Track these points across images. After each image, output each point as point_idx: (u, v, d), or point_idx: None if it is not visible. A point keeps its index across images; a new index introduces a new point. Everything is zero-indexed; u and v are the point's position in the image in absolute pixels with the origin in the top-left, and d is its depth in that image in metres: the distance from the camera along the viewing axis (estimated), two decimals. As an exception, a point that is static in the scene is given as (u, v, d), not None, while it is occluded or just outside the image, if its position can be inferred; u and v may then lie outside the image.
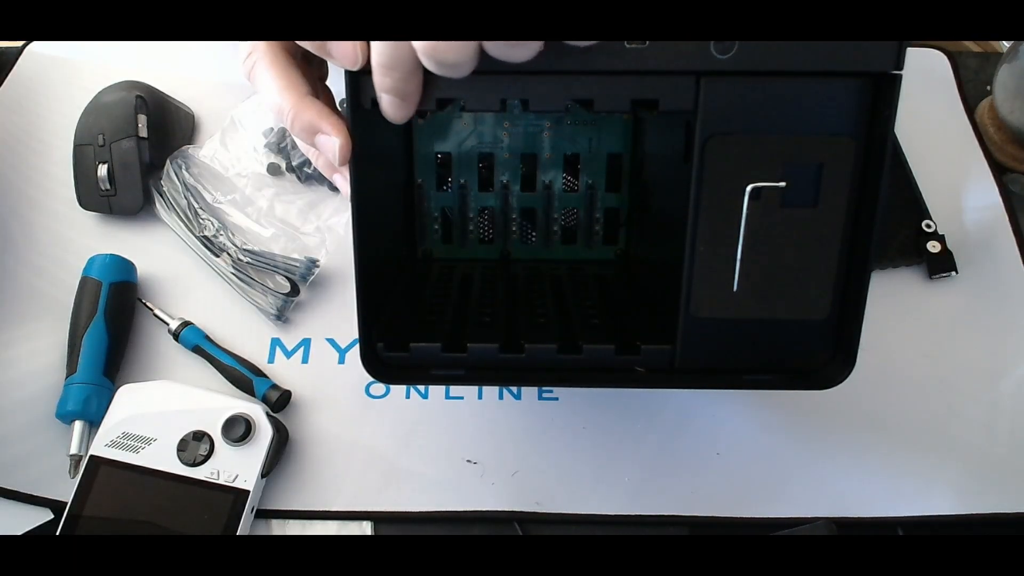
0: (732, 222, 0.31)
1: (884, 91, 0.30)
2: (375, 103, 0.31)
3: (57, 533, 0.42)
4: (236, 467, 0.43)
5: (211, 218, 0.53)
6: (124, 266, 0.50)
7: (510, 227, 0.48)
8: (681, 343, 0.34)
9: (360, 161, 0.33)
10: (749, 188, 0.31)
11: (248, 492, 0.43)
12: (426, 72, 0.29)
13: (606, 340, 0.35)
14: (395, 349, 0.35)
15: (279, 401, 0.47)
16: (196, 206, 0.53)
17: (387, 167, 0.41)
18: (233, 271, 0.51)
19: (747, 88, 0.30)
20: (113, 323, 0.48)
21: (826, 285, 0.33)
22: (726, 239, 0.32)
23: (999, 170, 0.57)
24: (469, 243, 0.48)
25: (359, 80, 0.31)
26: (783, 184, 0.31)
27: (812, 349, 0.34)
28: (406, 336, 0.35)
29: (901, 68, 0.30)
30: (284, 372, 0.49)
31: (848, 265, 0.33)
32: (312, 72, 0.36)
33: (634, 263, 0.47)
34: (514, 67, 0.28)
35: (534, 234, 0.48)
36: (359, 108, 0.32)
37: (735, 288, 0.32)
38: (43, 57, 0.62)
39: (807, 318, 0.33)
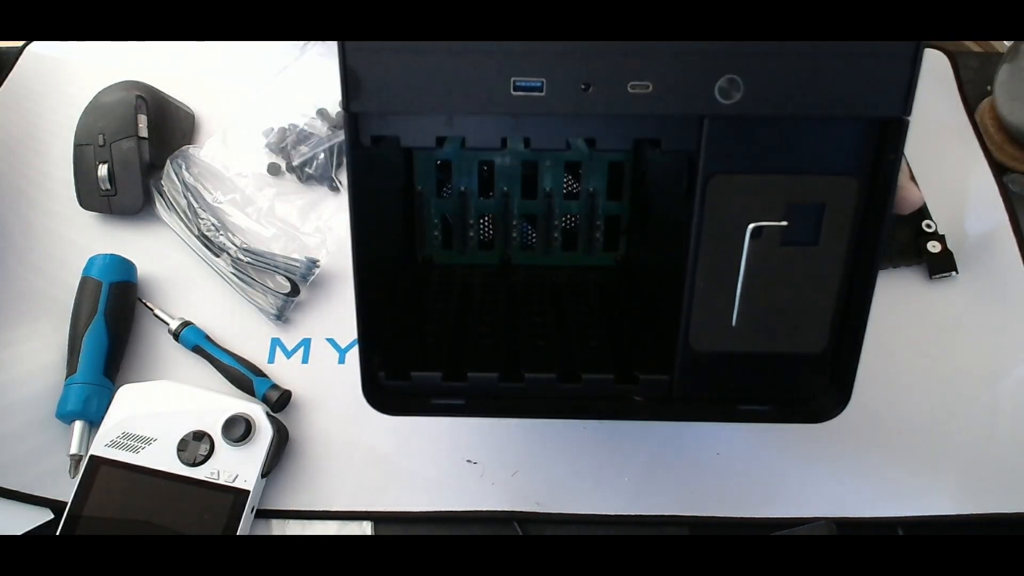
0: (732, 259, 0.31)
1: (891, 135, 0.30)
2: (375, 140, 0.31)
3: (57, 533, 0.42)
4: (236, 467, 0.43)
5: (211, 218, 0.53)
6: (124, 266, 0.50)
7: (510, 233, 0.47)
8: (679, 374, 0.34)
9: (359, 177, 0.32)
10: (751, 227, 0.31)
11: (248, 492, 0.43)
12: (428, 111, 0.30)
13: (605, 368, 0.35)
14: (396, 377, 0.35)
15: (279, 401, 0.47)
16: (196, 206, 0.53)
17: (387, 175, 0.41)
18: (233, 271, 0.51)
19: (751, 128, 0.30)
20: (113, 323, 0.48)
21: (824, 320, 0.33)
22: (726, 275, 0.32)
23: (999, 170, 0.57)
24: (469, 249, 0.47)
25: (357, 119, 0.31)
26: (785, 224, 0.31)
27: (808, 382, 0.34)
28: (407, 363, 0.35)
29: (908, 113, 0.29)
30: (284, 372, 0.49)
31: (847, 300, 0.32)
32: None
33: (634, 270, 0.47)
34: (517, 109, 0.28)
35: (535, 238, 0.48)
36: (358, 147, 0.31)
37: (734, 323, 0.32)
38: (43, 57, 0.62)
39: (804, 351, 0.33)
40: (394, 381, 0.35)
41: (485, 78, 0.29)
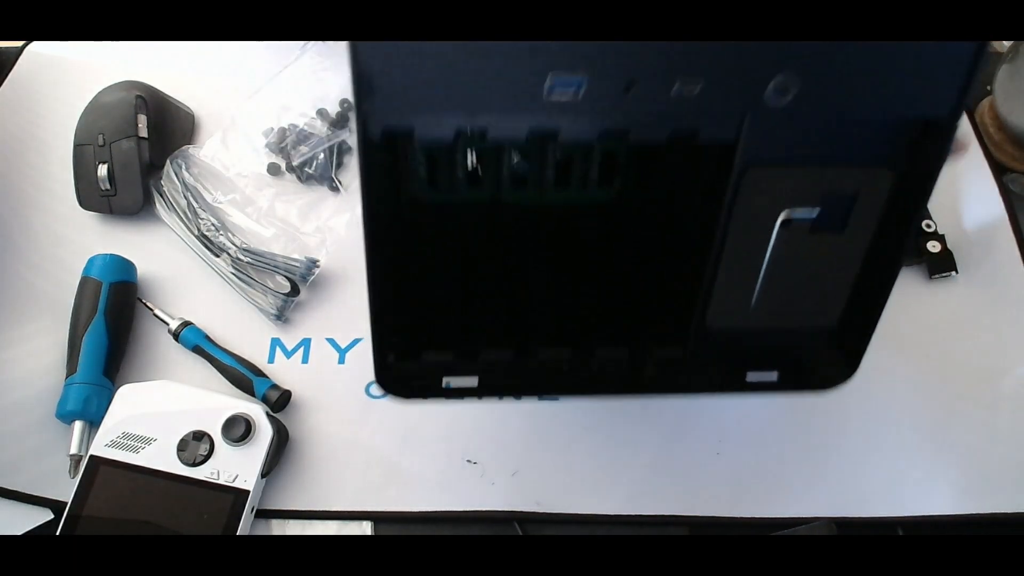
0: (759, 246, 0.31)
1: (938, 132, 0.29)
2: (387, 136, 0.29)
3: (57, 533, 0.42)
4: (236, 467, 0.43)
5: (211, 218, 0.53)
6: (124, 266, 0.50)
7: (502, 170, 0.45)
8: (693, 349, 0.34)
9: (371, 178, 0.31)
10: (781, 217, 0.30)
11: (248, 492, 0.43)
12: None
13: (617, 340, 0.34)
14: (407, 359, 0.34)
15: (279, 401, 0.47)
16: (196, 206, 0.53)
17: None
18: (233, 271, 0.51)
19: (791, 121, 0.29)
20: (113, 323, 0.48)
21: (841, 298, 0.33)
22: (751, 261, 0.31)
23: (999, 170, 0.57)
24: (458, 186, 0.45)
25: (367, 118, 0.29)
26: (816, 214, 0.30)
27: (818, 353, 0.34)
28: (418, 342, 0.34)
29: (960, 114, 0.28)
30: (284, 372, 0.49)
31: (868, 281, 0.32)
32: None
33: (632, 208, 0.45)
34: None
35: (528, 174, 0.46)
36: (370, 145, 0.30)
37: (753, 304, 0.32)
38: (43, 57, 0.62)
39: (817, 325, 0.33)
40: (406, 363, 0.34)
41: (516, 80, 0.27)
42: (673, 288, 0.34)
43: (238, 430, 0.43)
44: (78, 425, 0.45)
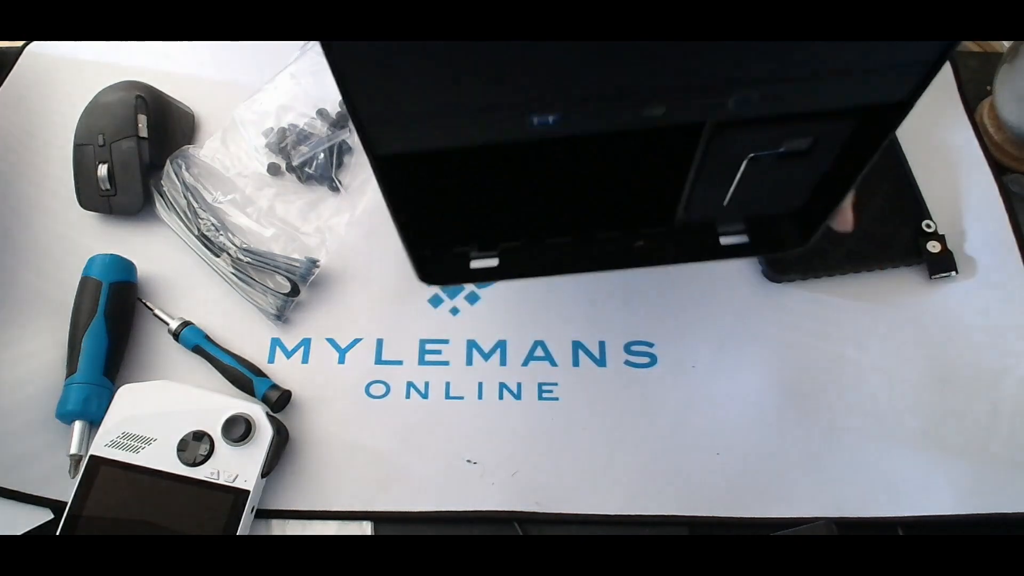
0: (730, 171, 0.35)
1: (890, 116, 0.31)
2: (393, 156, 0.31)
3: (57, 533, 0.42)
4: (236, 467, 0.43)
5: (211, 218, 0.53)
6: (124, 266, 0.50)
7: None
8: (676, 228, 0.39)
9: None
10: (748, 157, 0.34)
11: (248, 492, 0.43)
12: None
13: (612, 227, 0.40)
14: (438, 252, 0.39)
15: (279, 401, 0.47)
16: (196, 206, 0.53)
17: None
18: (233, 271, 0.51)
19: (755, 111, 0.31)
20: (113, 323, 0.48)
21: (803, 195, 0.37)
22: (724, 177, 0.35)
23: (999, 170, 0.57)
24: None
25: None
26: (781, 150, 0.33)
27: (782, 227, 0.39)
28: (445, 238, 0.39)
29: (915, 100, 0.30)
30: (284, 372, 0.49)
31: (829, 181, 0.36)
32: None
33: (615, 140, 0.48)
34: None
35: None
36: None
37: (725, 204, 0.37)
38: (43, 57, 0.62)
39: (781, 212, 0.38)
40: (437, 256, 0.39)
41: (498, 117, 0.29)
42: (659, 189, 0.39)
43: (238, 430, 0.43)
44: (78, 425, 0.45)
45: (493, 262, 0.40)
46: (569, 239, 0.40)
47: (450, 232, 0.40)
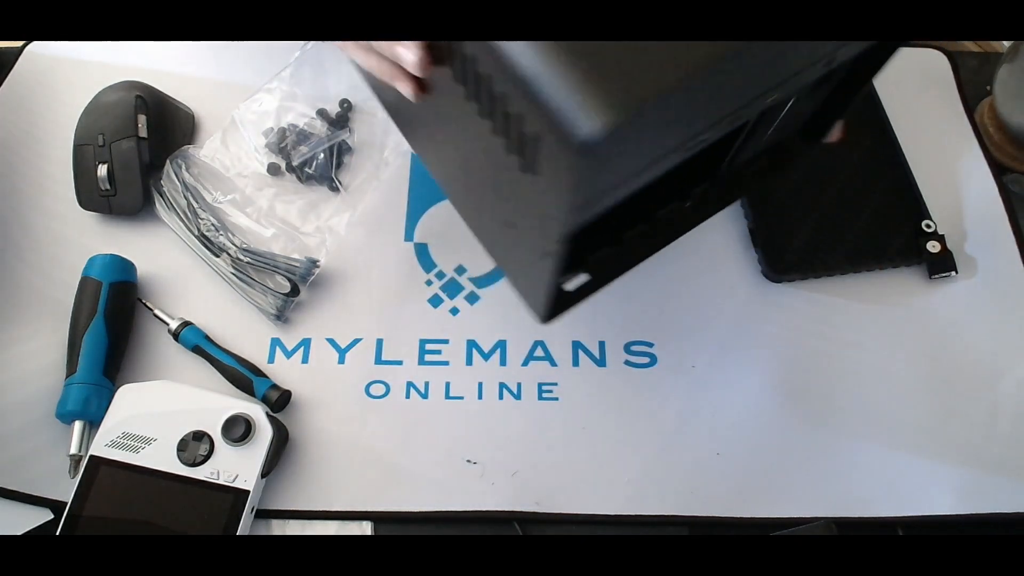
0: (773, 119, 0.39)
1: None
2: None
3: (57, 533, 0.42)
4: (236, 467, 0.43)
5: (211, 218, 0.53)
6: (124, 266, 0.50)
7: None
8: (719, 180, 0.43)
9: None
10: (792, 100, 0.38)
11: (248, 492, 0.43)
12: None
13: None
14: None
15: (279, 401, 0.47)
16: (196, 206, 0.53)
17: None
18: (233, 271, 0.51)
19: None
20: (113, 323, 0.48)
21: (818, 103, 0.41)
22: (767, 127, 0.39)
23: (999, 170, 0.57)
24: None
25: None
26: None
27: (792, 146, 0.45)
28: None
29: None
30: (284, 372, 0.49)
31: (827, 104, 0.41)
32: None
33: None
34: None
35: None
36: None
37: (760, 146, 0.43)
38: (43, 57, 0.62)
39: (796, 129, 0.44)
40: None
41: None
42: (711, 156, 0.41)
43: (238, 430, 0.43)
44: (78, 425, 0.45)
45: (584, 278, 0.40)
46: (636, 229, 0.41)
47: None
